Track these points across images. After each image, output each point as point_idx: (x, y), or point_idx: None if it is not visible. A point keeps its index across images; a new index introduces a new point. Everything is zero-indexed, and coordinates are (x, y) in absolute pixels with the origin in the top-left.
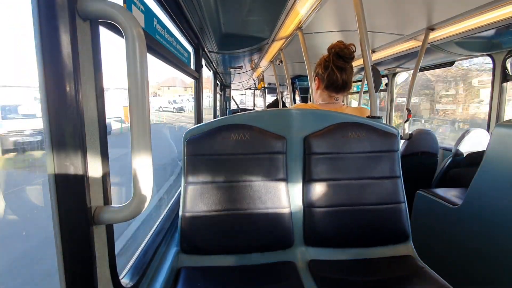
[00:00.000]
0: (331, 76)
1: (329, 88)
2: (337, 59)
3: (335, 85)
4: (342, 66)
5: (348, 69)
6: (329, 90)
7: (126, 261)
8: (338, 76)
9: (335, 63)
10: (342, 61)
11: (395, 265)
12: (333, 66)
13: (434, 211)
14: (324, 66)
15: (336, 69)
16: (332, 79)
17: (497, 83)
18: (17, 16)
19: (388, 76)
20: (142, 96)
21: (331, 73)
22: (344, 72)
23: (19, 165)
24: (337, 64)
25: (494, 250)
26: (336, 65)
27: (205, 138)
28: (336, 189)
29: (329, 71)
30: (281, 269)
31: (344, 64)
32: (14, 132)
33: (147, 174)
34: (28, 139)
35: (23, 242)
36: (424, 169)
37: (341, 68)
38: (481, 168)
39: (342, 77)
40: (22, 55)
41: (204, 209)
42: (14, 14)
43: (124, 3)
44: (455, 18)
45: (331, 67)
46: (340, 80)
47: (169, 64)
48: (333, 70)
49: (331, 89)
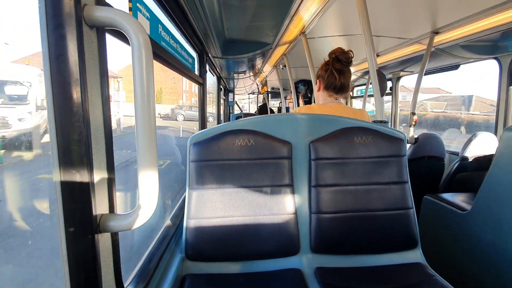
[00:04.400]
0: (330, 78)
1: (329, 89)
2: (337, 63)
3: (333, 86)
4: (340, 69)
5: (346, 73)
6: (329, 90)
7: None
8: (337, 78)
9: (334, 66)
10: (341, 65)
11: (404, 273)
12: (333, 69)
13: (442, 217)
14: (325, 69)
15: (335, 71)
16: (331, 80)
17: (504, 86)
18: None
19: (392, 79)
20: (149, 103)
21: (330, 75)
22: (343, 75)
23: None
24: (336, 67)
25: (505, 258)
26: (335, 68)
27: (210, 143)
28: (343, 194)
29: (328, 73)
30: (288, 276)
31: (343, 67)
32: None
33: (152, 182)
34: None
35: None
36: (431, 174)
37: (340, 71)
38: (490, 172)
39: (340, 79)
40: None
41: (209, 215)
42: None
43: (130, 10)
44: (460, 21)
45: (330, 69)
46: (338, 82)
47: (174, 70)
48: (332, 72)
49: (331, 90)
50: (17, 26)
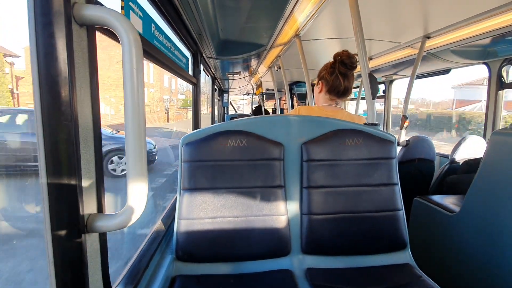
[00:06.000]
0: (335, 81)
1: (332, 93)
2: (343, 66)
3: (337, 90)
4: (345, 73)
5: (350, 77)
6: (331, 94)
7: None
8: (341, 82)
9: (340, 70)
10: (346, 68)
11: (393, 274)
12: (338, 73)
13: (432, 219)
14: (330, 72)
15: (341, 75)
16: (335, 84)
17: (493, 91)
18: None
19: (385, 83)
20: (138, 102)
21: (335, 79)
22: (347, 79)
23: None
24: (341, 70)
25: (492, 258)
26: (340, 71)
27: (202, 144)
28: (334, 196)
29: (334, 77)
30: (278, 277)
31: (348, 72)
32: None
33: (141, 182)
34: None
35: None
36: (421, 176)
37: (345, 74)
38: (478, 175)
39: (344, 83)
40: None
41: (200, 216)
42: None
43: (122, 9)
44: (451, 26)
45: (336, 73)
46: (342, 86)
47: (167, 70)
48: (338, 76)
49: (333, 93)
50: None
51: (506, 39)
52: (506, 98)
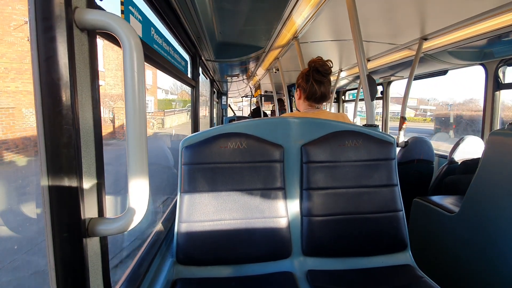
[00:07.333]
0: (311, 89)
1: (310, 99)
2: (316, 74)
3: (315, 97)
4: (320, 80)
5: (326, 83)
6: (310, 100)
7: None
8: (317, 89)
9: (314, 78)
10: (321, 76)
11: (394, 275)
12: (313, 80)
13: (431, 219)
14: (305, 80)
15: (316, 82)
16: (312, 91)
17: (490, 91)
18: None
19: (383, 84)
20: (140, 106)
21: (311, 86)
22: (323, 85)
23: None
24: (316, 78)
25: (492, 258)
26: (315, 79)
27: (202, 146)
28: (334, 197)
29: (310, 84)
30: (279, 279)
31: (322, 78)
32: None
33: (143, 186)
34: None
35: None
36: (420, 177)
37: (320, 81)
38: (476, 175)
39: (320, 89)
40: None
41: (200, 218)
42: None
43: (122, 13)
44: (448, 28)
45: (311, 81)
46: (319, 92)
47: (166, 73)
48: (313, 83)
49: (312, 100)
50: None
51: (502, 40)
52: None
